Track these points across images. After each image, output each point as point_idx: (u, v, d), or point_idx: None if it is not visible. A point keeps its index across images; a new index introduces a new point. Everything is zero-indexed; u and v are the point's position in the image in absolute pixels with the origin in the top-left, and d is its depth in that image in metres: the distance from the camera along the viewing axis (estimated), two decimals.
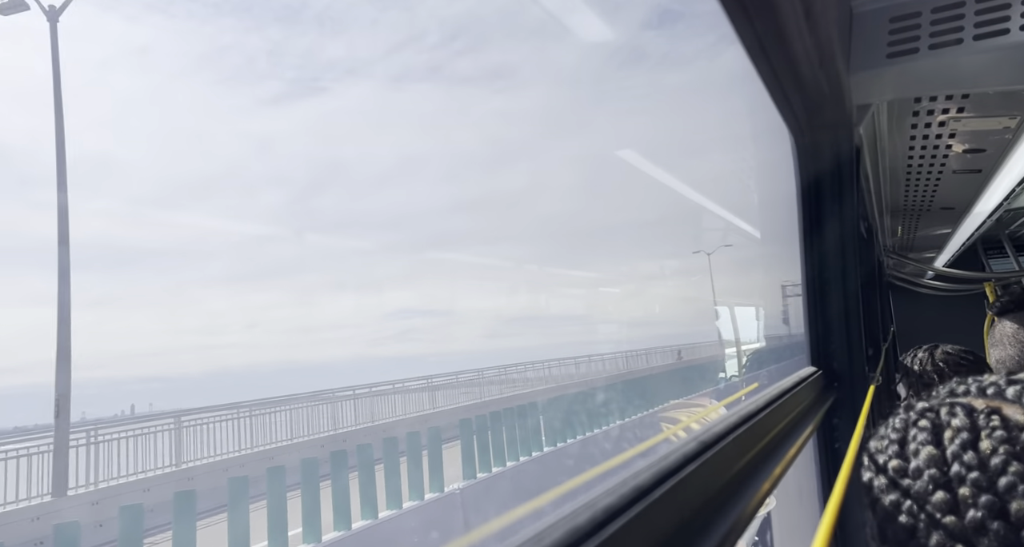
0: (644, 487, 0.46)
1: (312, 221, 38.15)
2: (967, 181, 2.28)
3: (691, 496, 0.54)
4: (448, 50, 46.34)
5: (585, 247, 41.53)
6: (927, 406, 0.61)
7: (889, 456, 0.59)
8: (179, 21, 35.73)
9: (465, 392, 21.53)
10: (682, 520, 0.51)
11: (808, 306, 1.51)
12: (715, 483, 0.62)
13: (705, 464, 0.59)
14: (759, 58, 1.01)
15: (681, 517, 0.51)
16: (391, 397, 18.96)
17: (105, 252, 32.61)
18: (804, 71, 1.14)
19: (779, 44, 0.99)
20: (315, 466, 9.06)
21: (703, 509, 0.57)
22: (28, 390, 32.02)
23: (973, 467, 0.51)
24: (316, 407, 16.59)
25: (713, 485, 0.62)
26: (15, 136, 32.01)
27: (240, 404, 15.14)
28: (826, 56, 1.14)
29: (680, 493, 0.51)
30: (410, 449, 10.59)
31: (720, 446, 0.65)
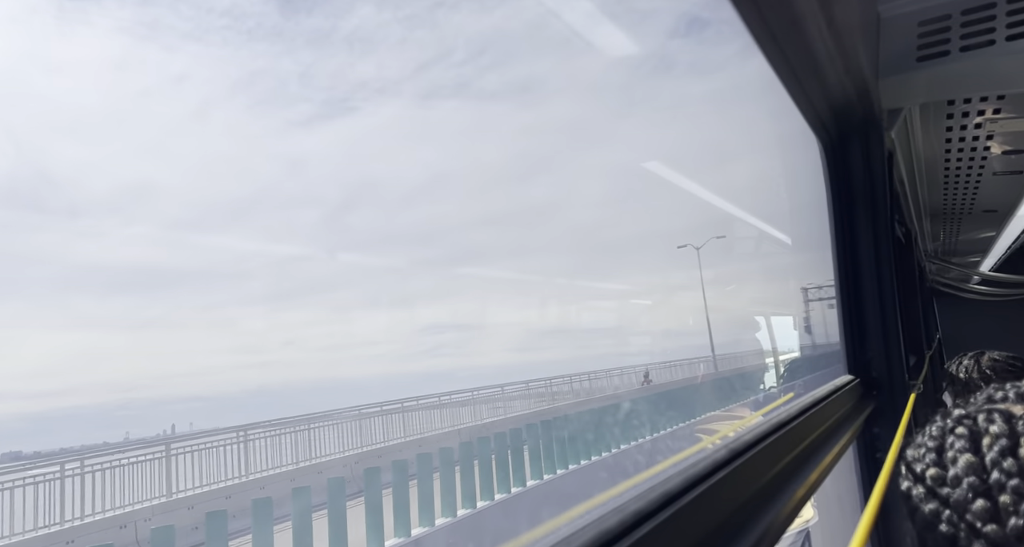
0: (673, 493, 0.47)
1: (345, 239, 38.84)
2: (1009, 183, 2.22)
3: (721, 503, 0.55)
4: (475, 66, 46.90)
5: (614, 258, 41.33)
6: (964, 413, 0.60)
7: (927, 464, 0.58)
8: (214, 48, 37.00)
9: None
10: (712, 526, 0.51)
11: (843, 314, 1.49)
12: (746, 491, 0.63)
13: (736, 471, 0.59)
14: (782, 68, 1.01)
15: (711, 523, 0.51)
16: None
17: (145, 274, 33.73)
18: (830, 78, 1.13)
19: (802, 53, 1.00)
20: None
21: (734, 516, 0.57)
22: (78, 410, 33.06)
23: (1013, 474, 0.50)
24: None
25: (744, 492, 0.62)
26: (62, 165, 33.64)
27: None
28: (852, 63, 1.14)
29: (710, 500, 0.51)
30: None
31: (751, 454, 0.65)
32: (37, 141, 33.10)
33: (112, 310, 34.00)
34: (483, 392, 20.67)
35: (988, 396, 0.61)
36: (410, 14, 43.27)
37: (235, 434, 14.21)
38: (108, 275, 35.87)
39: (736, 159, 42.48)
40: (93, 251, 33.11)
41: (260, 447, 14.41)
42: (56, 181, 34.47)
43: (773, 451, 0.74)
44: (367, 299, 38.45)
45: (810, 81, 1.12)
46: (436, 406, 18.97)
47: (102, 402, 39.32)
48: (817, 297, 5.00)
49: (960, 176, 2.18)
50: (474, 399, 20.88)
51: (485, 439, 11.32)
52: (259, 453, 14.29)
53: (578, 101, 45.06)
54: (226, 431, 14.49)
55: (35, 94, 33.72)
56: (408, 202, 41.86)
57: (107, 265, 35.18)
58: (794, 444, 0.84)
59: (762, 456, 0.69)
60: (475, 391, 20.77)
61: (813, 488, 0.83)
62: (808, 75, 1.10)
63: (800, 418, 0.90)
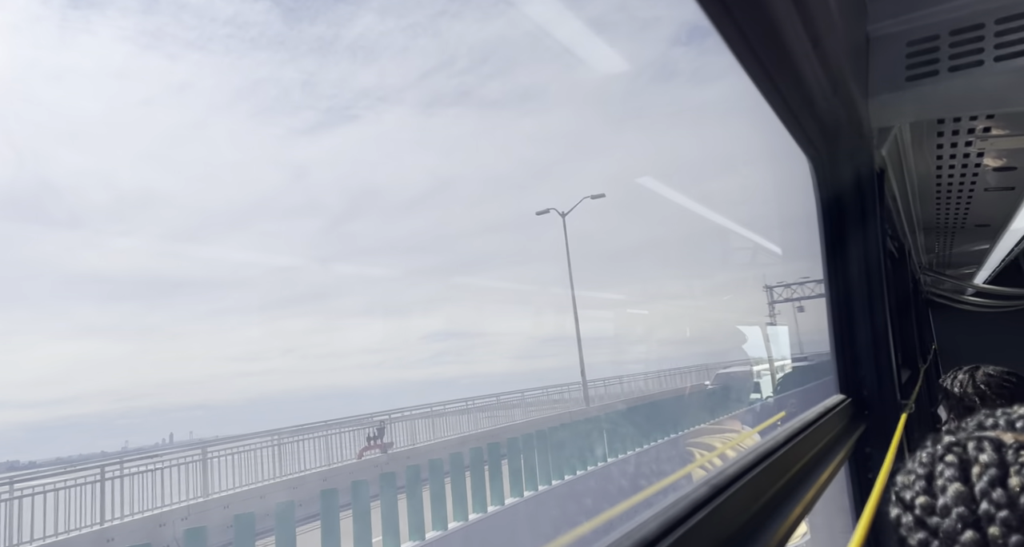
0: (677, 518, 0.46)
1: (347, 247, 38.86)
2: (1001, 198, 2.22)
3: (720, 527, 0.54)
4: (477, 74, 47.18)
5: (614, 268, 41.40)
6: (954, 440, 0.59)
7: (916, 492, 0.58)
8: (217, 57, 37.17)
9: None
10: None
11: (834, 332, 1.48)
12: (743, 515, 0.62)
13: (732, 497, 0.58)
14: (767, 88, 1.01)
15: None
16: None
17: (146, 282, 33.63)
18: (818, 98, 1.13)
19: (789, 75, 0.99)
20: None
21: (732, 539, 0.56)
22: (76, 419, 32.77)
23: (1003, 505, 0.50)
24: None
25: (741, 517, 0.61)
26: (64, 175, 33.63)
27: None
28: (840, 82, 1.13)
29: (709, 524, 0.50)
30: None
31: (747, 478, 0.64)
32: (39, 148, 33.13)
33: (113, 318, 33.92)
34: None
35: (979, 423, 0.61)
36: (412, 23, 43.52)
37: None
38: (109, 283, 35.78)
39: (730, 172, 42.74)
40: (94, 259, 33.08)
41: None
42: (57, 189, 34.45)
43: (764, 478, 0.73)
44: (368, 307, 38.42)
45: (798, 101, 1.11)
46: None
47: (103, 410, 39.09)
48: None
49: (952, 192, 2.18)
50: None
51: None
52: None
53: (578, 110, 45.28)
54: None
55: (37, 102, 33.80)
56: (410, 210, 41.93)
57: (108, 273, 35.06)
58: (786, 469, 0.83)
59: (757, 481, 0.68)
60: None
61: (808, 508, 0.82)
62: (796, 96, 1.09)
63: (791, 443, 0.89)
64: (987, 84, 1.20)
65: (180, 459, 13.41)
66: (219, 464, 13.87)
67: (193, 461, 13.53)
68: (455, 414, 20.11)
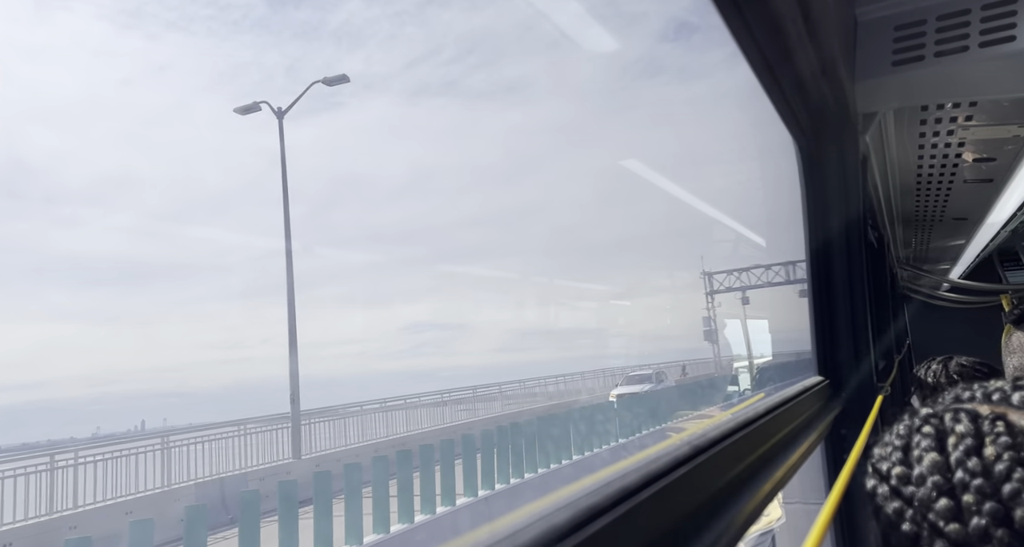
0: (630, 488, 0.45)
1: (328, 235, 38.50)
2: (978, 191, 2.26)
3: (682, 500, 0.54)
4: (464, 64, 46.81)
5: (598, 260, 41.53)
6: (931, 412, 0.60)
7: (893, 463, 0.58)
8: (199, 38, 36.42)
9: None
10: (671, 523, 0.50)
11: (814, 315, 1.50)
12: (709, 487, 0.62)
13: (698, 468, 0.58)
14: (759, 65, 1.01)
15: (669, 520, 0.50)
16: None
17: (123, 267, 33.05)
18: (806, 78, 1.13)
19: (779, 51, 1.00)
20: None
21: (695, 513, 0.56)
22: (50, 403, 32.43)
23: (977, 474, 0.50)
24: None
25: (707, 489, 0.61)
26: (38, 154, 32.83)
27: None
28: (828, 64, 1.14)
29: (669, 496, 0.50)
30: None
31: (714, 451, 0.64)
32: (12, 127, 32.28)
33: (88, 302, 33.29)
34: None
35: (956, 396, 0.61)
36: (399, 10, 42.95)
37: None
38: (84, 266, 35.09)
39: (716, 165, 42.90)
40: (68, 241, 32.44)
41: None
42: (31, 169, 33.66)
43: (738, 448, 0.73)
44: (349, 296, 38.17)
45: (788, 81, 1.12)
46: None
47: (74, 396, 38.46)
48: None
49: (932, 183, 2.21)
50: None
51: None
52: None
53: (565, 103, 45.18)
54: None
55: (11, 78, 32.87)
56: (393, 199, 41.60)
57: (83, 256, 34.39)
58: (760, 442, 0.83)
59: (726, 453, 0.68)
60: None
61: (778, 486, 0.83)
62: (786, 75, 1.10)
63: (767, 416, 0.90)
64: (971, 70, 1.22)
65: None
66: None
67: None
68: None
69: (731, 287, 33.66)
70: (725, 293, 33.04)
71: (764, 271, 32.64)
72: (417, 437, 16.47)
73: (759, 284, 32.96)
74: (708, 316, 33.77)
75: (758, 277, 33.07)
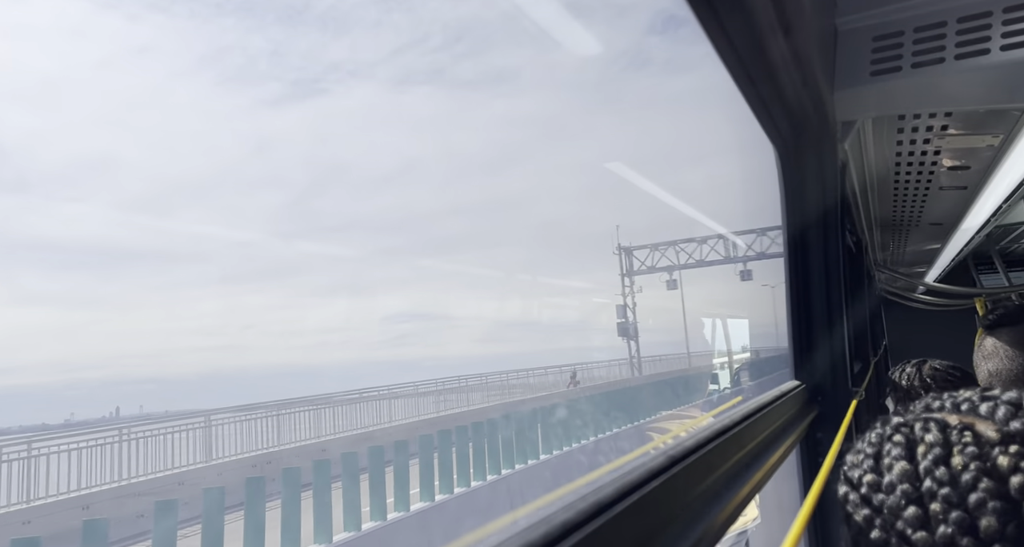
0: (605, 502, 0.46)
1: (311, 223, 38.04)
2: (954, 197, 2.30)
3: (658, 510, 0.54)
4: (451, 53, 46.43)
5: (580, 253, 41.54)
6: (902, 421, 0.61)
7: (864, 471, 0.59)
8: (180, 20, 35.73)
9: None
10: (646, 534, 0.51)
11: (792, 320, 1.52)
12: (686, 497, 0.62)
13: (674, 478, 0.59)
14: (739, 73, 1.02)
15: (645, 531, 0.50)
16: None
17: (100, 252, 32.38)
18: (786, 87, 1.15)
19: (759, 60, 1.00)
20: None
21: (672, 522, 0.56)
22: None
23: (944, 483, 0.51)
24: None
25: (683, 498, 0.61)
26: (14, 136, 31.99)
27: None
28: (808, 73, 1.15)
29: (645, 507, 0.51)
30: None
31: (691, 460, 0.65)
32: None
33: (62, 286, 32.61)
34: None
35: (926, 405, 0.63)
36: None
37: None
38: (58, 250, 34.29)
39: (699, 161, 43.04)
40: (43, 225, 31.74)
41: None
42: (4, 149, 32.80)
43: (715, 456, 0.74)
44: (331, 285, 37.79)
45: (768, 89, 1.13)
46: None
47: (48, 382, 37.60)
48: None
49: (909, 189, 2.25)
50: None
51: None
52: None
53: (551, 95, 45.11)
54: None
55: None
56: (378, 188, 41.20)
57: (57, 240, 33.59)
58: (738, 448, 0.84)
59: (703, 462, 0.69)
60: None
61: (755, 490, 0.84)
62: (766, 84, 1.11)
63: (744, 423, 0.91)
64: (947, 82, 1.24)
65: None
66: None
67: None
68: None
69: (655, 266, 26.55)
70: (653, 275, 26.55)
71: (697, 246, 26.55)
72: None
73: (692, 264, 26.38)
74: (623, 305, 26.61)
75: (689, 254, 26.48)
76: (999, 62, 1.16)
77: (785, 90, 1.15)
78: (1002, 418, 0.54)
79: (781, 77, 1.08)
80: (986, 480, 0.49)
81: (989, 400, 0.57)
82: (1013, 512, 0.47)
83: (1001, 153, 1.76)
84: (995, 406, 0.56)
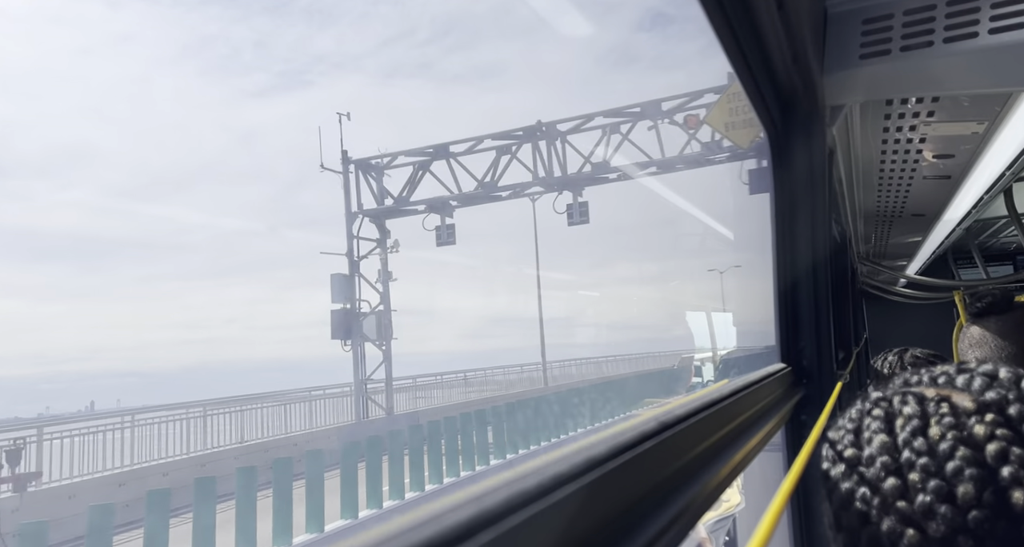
0: (598, 458, 0.45)
1: (296, 216, 37.66)
2: (937, 187, 2.33)
3: (648, 472, 0.54)
4: (439, 46, 46.10)
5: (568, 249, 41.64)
6: (881, 395, 0.62)
7: (845, 445, 0.60)
8: (164, 8, 35.16)
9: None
10: (636, 494, 0.51)
11: (779, 303, 1.53)
12: (675, 462, 0.63)
13: (665, 442, 0.59)
14: (734, 52, 1.02)
15: (635, 491, 0.50)
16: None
17: (80, 243, 31.87)
18: (778, 68, 1.15)
19: (753, 39, 1.01)
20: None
21: (660, 486, 0.57)
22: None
23: (922, 453, 0.52)
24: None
25: (672, 464, 0.62)
26: None
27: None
28: (799, 54, 1.15)
29: (635, 468, 0.51)
30: None
31: (681, 427, 0.65)
32: None
33: (40, 278, 31.99)
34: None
35: (904, 380, 0.64)
36: None
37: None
38: (35, 240, 33.61)
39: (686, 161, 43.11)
40: (20, 214, 31.06)
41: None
42: None
43: (703, 427, 0.74)
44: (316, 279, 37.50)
45: (760, 70, 1.13)
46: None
47: (25, 374, 36.96)
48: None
49: (893, 179, 2.28)
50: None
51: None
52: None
53: (539, 89, 45.00)
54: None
55: None
56: None
57: (34, 230, 32.89)
58: (724, 422, 0.85)
59: (692, 430, 0.69)
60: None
61: (739, 468, 0.84)
62: (758, 63, 1.11)
63: (732, 398, 0.91)
64: (935, 65, 1.25)
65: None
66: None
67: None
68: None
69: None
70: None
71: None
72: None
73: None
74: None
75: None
76: (987, 45, 1.17)
77: (777, 70, 1.15)
78: (978, 389, 0.55)
79: (773, 55, 1.08)
80: (963, 448, 0.50)
81: (965, 372, 0.58)
82: (990, 478, 0.48)
83: (985, 141, 1.78)
84: (971, 378, 0.57)
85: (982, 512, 0.47)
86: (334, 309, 17.31)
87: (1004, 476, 0.48)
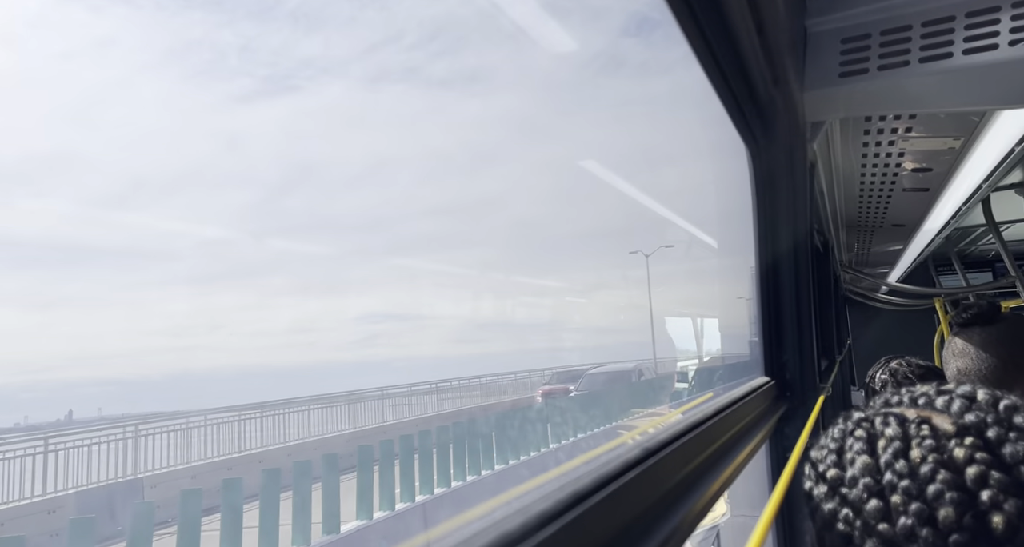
0: (582, 493, 0.45)
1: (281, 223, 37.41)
2: (916, 199, 2.37)
3: (632, 502, 0.54)
4: (426, 51, 46.16)
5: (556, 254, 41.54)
6: (863, 416, 0.63)
7: (828, 465, 0.61)
8: (146, 13, 34.83)
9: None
10: (620, 526, 0.51)
11: (762, 317, 1.54)
12: (659, 489, 0.63)
13: (649, 470, 0.59)
14: (714, 72, 1.03)
15: (619, 523, 0.50)
16: None
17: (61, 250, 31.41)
18: (759, 87, 1.16)
19: (733, 59, 1.02)
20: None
21: (644, 515, 0.57)
22: None
23: (904, 475, 0.53)
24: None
25: (656, 491, 0.62)
26: None
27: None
28: (779, 73, 1.17)
29: (620, 499, 0.51)
30: None
31: (664, 453, 0.65)
32: None
33: (17, 284, 31.38)
34: None
35: (885, 400, 0.65)
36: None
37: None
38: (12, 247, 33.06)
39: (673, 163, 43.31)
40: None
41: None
42: None
43: (687, 450, 0.75)
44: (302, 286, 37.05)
45: (740, 88, 1.14)
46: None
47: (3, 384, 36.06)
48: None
49: (874, 190, 2.31)
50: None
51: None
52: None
53: (526, 95, 45.12)
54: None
55: None
56: (350, 187, 40.53)
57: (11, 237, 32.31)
58: (708, 443, 0.85)
59: (677, 454, 0.69)
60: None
61: (725, 486, 0.84)
62: (739, 82, 1.12)
63: (716, 418, 0.92)
64: (911, 84, 1.27)
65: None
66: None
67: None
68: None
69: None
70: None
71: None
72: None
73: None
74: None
75: None
76: (961, 66, 1.19)
77: (757, 88, 1.16)
78: (957, 411, 0.56)
79: (753, 75, 1.10)
80: (943, 472, 0.51)
81: (944, 394, 0.59)
82: (970, 502, 0.49)
83: (961, 156, 1.82)
84: (950, 400, 0.57)
85: (963, 536, 0.48)
86: None
87: (984, 500, 0.48)
